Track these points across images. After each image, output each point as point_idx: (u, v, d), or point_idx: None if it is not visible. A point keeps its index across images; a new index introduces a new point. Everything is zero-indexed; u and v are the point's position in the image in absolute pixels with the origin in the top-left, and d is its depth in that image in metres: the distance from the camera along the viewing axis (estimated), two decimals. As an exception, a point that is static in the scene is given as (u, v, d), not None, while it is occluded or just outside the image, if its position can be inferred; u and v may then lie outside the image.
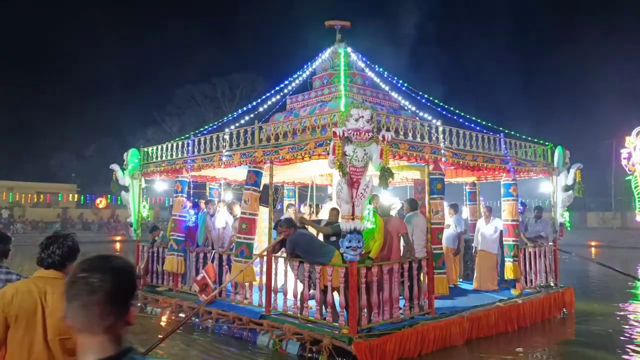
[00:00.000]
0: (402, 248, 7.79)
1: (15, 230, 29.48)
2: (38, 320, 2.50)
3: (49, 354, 2.48)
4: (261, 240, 10.54)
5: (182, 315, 8.78)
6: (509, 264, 9.09)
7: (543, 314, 9.15)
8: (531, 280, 9.51)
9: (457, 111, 10.31)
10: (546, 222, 10.37)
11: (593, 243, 27.69)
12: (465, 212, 11.69)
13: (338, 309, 6.87)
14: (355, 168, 6.28)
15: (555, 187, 10.26)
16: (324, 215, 9.17)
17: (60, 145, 46.16)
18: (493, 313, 8.15)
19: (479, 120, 10.13)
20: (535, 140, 10.22)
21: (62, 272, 2.69)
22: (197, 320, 8.40)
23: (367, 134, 6.32)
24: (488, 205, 10.33)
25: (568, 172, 10.17)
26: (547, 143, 10.28)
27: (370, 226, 6.91)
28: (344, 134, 6.15)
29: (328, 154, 6.41)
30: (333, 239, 7.16)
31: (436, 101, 10.43)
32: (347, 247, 6.25)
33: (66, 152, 46.18)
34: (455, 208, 10.52)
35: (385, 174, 6.28)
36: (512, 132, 10.08)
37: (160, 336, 6.97)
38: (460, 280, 10.56)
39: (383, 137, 6.23)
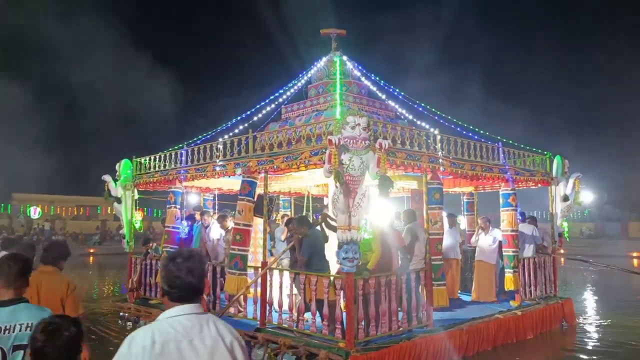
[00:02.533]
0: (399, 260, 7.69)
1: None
2: (34, 298, 3.65)
3: None
4: (256, 252, 10.41)
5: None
6: (508, 275, 8.93)
7: (543, 326, 8.99)
8: (530, 292, 9.34)
9: (454, 120, 10.21)
10: (545, 232, 10.23)
11: (635, 254, 26.35)
12: (463, 222, 11.55)
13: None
14: (352, 177, 6.12)
15: (554, 197, 10.13)
16: None
17: (98, 160, 46.39)
18: (492, 325, 8.00)
19: (476, 129, 10.03)
20: (534, 149, 10.12)
21: (55, 267, 4.10)
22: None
23: (363, 142, 6.18)
24: (485, 216, 10.17)
25: (567, 181, 10.06)
26: (545, 152, 10.18)
27: (367, 237, 6.74)
28: (339, 142, 6.01)
29: (324, 163, 6.26)
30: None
31: (433, 110, 10.32)
32: (343, 259, 6.09)
33: (104, 166, 46.20)
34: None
35: (386, 183, 6.14)
36: (511, 141, 9.99)
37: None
38: (459, 291, 10.38)
39: (380, 145, 6.11)
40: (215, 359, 2.07)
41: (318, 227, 7.50)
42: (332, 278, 6.64)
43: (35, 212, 38.40)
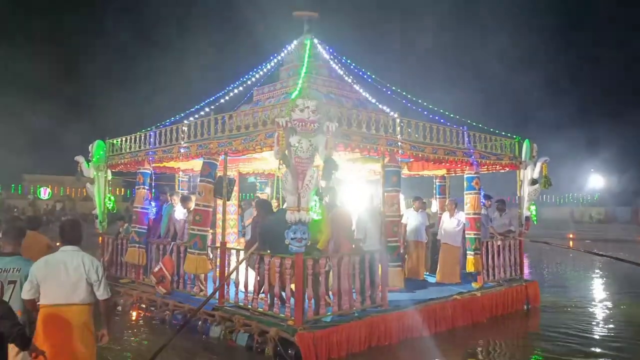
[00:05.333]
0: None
1: (66, 222, 30.12)
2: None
3: None
4: (227, 233, 10.57)
5: (143, 306, 8.77)
6: (470, 257, 9.07)
7: (504, 307, 9.14)
8: (493, 274, 9.47)
9: (424, 104, 10.25)
10: (513, 216, 10.34)
11: (644, 239, 25.88)
12: (435, 205, 11.66)
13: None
14: (301, 159, 6.21)
15: (522, 180, 10.21)
16: None
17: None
18: (449, 306, 8.14)
19: (446, 113, 10.10)
20: (503, 133, 10.17)
21: (35, 231, 6.41)
22: (155, 311, 8.39)
23: (312, 124, 6.26)
24: (452, 199, 10.29)
25: (535, 165, 10.12)
26: (514, 136, 10.23)
27: (316, 217, 6.85)
28: (287, 125, 6.10)
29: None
30: None
31: (404, 93, 10.37)
32: (292, 239, 6.21)
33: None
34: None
35: (330, 166, 6.25)
36: (480, 125, 10.06)
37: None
38: (427, 273, 10.53)
39: (327, 127, 6.19)
40: (75, 273, 4.05)
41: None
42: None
43: (45, 192, 38.96)
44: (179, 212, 9.11)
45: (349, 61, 10.41)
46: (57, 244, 4.70)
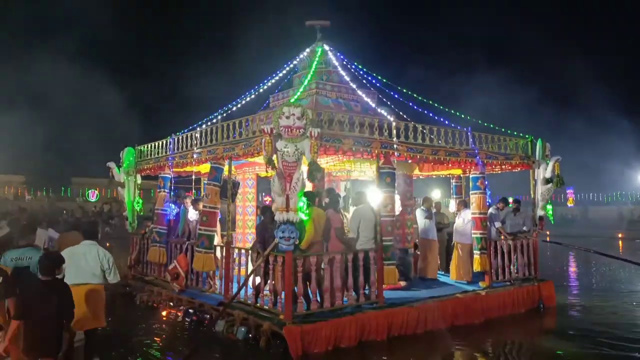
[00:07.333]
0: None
1: (113, 224, 31.51)
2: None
3: None
4: (245, 233, 11.11)
5: (162, 301, 9.40)
6: (476, 256, 9.14)
7: (513, 307, 9.11)
8: (503, 273, 9.45)
9: (435, 104, 10.39)
10: (527, 216, 10.28)
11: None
12: (452, 205, 11.72)
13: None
14: (287, 163, 6.63)
15: (535, 180, 10.14)
16: None
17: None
18: (449, 304, 8.26)
19: (458, 114, 10.23)
20: (515, 133, 10.15)
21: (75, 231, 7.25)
22: (172, 306, 9.01)
23: (298, 130, 6.66)
24: (462, 199, 10.35)
25: (547, 164, 10.03)
26: (527, 136, 10.18)
27: (305, 218, 7.20)
28: (272, 131, 6.52)
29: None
30: None
31: (414, 95, 10.53)
32: (280, 237, 6.62)
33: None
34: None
35: (314, 169, 6.61)
36: (491, 125, 10.11)
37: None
38: (441, 272, 10.63)
39: (310, 133, 6.56)
40: (93, 262, 5.57)
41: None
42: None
43: (93, 195, 41.08)
44: (192, 214, 9.72)
45: (360, 66, 10.72)
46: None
